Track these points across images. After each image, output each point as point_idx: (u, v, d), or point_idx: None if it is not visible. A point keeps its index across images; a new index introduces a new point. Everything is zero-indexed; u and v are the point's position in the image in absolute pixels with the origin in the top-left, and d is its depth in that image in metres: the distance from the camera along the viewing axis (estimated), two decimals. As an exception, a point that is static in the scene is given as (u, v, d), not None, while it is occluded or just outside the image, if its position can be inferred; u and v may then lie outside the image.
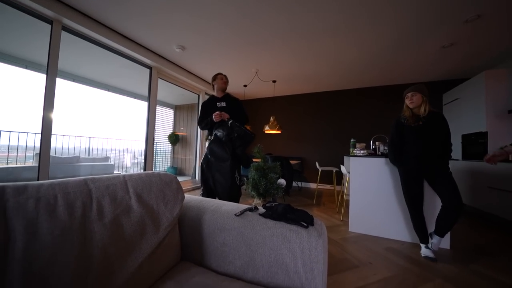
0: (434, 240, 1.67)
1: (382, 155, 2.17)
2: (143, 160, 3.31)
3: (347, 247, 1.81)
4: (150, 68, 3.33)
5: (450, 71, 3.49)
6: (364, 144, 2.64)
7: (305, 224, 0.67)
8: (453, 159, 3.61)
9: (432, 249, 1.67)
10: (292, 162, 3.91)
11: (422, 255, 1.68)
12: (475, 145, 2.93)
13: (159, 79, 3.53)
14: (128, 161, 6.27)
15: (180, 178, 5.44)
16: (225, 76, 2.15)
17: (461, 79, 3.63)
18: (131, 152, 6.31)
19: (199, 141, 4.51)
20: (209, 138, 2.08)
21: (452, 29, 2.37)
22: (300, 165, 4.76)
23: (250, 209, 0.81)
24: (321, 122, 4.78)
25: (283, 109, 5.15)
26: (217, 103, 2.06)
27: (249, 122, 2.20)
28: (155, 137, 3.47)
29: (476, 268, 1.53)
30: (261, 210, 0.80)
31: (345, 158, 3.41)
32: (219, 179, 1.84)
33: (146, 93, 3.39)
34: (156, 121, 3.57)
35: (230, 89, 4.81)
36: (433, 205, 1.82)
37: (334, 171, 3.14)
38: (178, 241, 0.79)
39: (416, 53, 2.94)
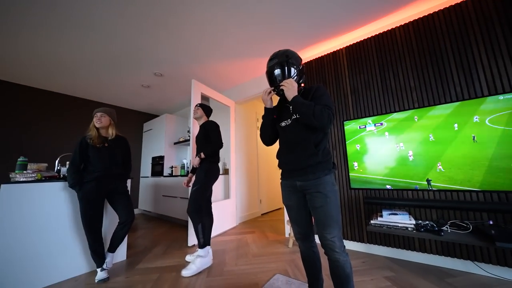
0: (108, 259, 1.73)
1: (64, 178, 1.83)
2: None
3: None
4: None
5: (149, 107, 4.45)
6: (46, 165, 2.03)
7: None
8: (144, 177, 4.36)
9: (107, 268, 1.72)
10: None
11: (96, 281, 1.63)
12: (158, 165, 3.96)
13: None
14: None
15: None
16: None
17: (156, 115, 4.82)
18: None
19: None
20: None
21: (148, 75, 3.05)
22: None
23: None
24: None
25: None
26: None
27: None
28: None
29: (140, 266, 1.89)
30: None
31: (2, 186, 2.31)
32: None
33: None
34: None
35: None
36: (110, 225, 1.93)
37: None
38: None
39: (124, 82, 3.24)
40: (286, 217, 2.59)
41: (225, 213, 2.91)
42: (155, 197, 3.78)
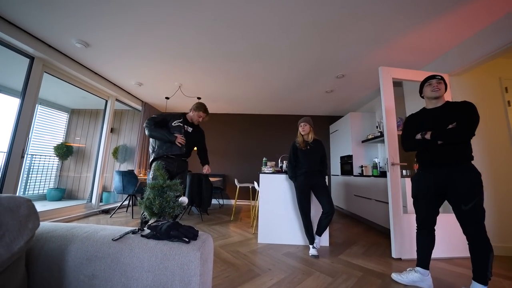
0: (316, 240, 2.10)
1: (285, 172, 2.58)
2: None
3: (253, 258, 1.96)
4: (31, 58, 2.58)
5: (333, 109, 4.75)
6: (274, 163, 3.05)
7: (187, 240, 0.70)
8: (334, 175, 4.65)
9: (317, 248, 2.09)
10: (213, 179, 3.91)
11: (310, 255, 2.06)
12: (346, 164, 4.02)
13: (46, 74, 2.78)
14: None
15: (69, 203, 4.22)
16: (206, 115, 2.27)
17: (339, 116, 5.00)
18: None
19: (102, 155, 3.74)
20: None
21: (330, 80, 3.29)
22: (222, 182, 4.82)
23: (133, 231, 0.76)
24: (242, 141, 5.16)
25: (207, 127, 5.18)
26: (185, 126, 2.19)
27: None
28: (29, 147, 2.59)
29: (342, 257, 2.03)
30: (147, 231, 0.77)
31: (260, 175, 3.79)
32: None
33: (17, 86, 2.53)
34: (34, 126, 2.71)
35: (151, 99, 4.41)
36: (316, 212, 2.31)
37: (251, 187, 3.40)
38: (22, 283, 0.62)
39: (310, 93, 3.84)
40: None
41: (455, 232, 2.07)
42: (346, 196, 3.88)
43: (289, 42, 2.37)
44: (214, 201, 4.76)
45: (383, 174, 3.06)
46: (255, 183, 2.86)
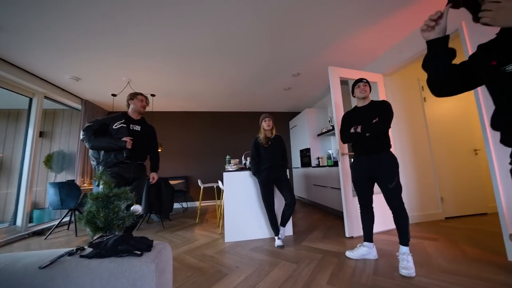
0: (281, 231, 2.20)
1: (248, 168, 2.60)
2: None
3: (220, 258, 1.93)
4: None
5: (292, 106, 5.02)
6: (238, 160, 3.04)
7: (139, 252, 0.64)
8: (295, 167, 4.94)
9: (282, 238, 2.19)
10: (174, 182, 3.67)
11: (276, 246, 2.14)
12: (305, 157, 4.33)
13: None
14: None
15: (-20, 229, 3.34)
16: (145, 97, 1.99)
17: (298, 112, 5.31)
18: None
19: (28, 165, 3.06)
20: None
21: (287, 78, 3.45)
22: (184, 184, 4.57)
23: (70, 253, 0.65)
24: (204, 140, 4.99)
25: (164, 126, 4.82)
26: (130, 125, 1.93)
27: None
28: None
29: (305, 244, 2.18)
30: (88, 250, 0.66)
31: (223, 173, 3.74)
32: None
33: None
34: None
35: (94, 96, 3.84)
36: (280, 205, 2.42)
37: (215, 186, 3.33)
38: None
39: (269, 90, 3.96)
40: (505, 229, 1.64)
41: (386, 208, 2.46)
42: (306, 186, 4.18)
43: (244, 38, 2.38)
44: (177, 205, 4.48)
45: (336, 164, 3.39)
46: (220, 182, 2.81)
